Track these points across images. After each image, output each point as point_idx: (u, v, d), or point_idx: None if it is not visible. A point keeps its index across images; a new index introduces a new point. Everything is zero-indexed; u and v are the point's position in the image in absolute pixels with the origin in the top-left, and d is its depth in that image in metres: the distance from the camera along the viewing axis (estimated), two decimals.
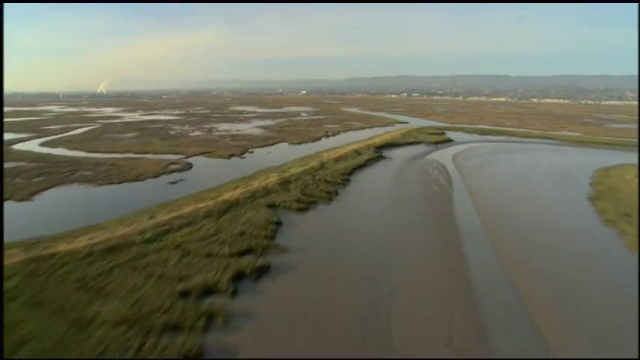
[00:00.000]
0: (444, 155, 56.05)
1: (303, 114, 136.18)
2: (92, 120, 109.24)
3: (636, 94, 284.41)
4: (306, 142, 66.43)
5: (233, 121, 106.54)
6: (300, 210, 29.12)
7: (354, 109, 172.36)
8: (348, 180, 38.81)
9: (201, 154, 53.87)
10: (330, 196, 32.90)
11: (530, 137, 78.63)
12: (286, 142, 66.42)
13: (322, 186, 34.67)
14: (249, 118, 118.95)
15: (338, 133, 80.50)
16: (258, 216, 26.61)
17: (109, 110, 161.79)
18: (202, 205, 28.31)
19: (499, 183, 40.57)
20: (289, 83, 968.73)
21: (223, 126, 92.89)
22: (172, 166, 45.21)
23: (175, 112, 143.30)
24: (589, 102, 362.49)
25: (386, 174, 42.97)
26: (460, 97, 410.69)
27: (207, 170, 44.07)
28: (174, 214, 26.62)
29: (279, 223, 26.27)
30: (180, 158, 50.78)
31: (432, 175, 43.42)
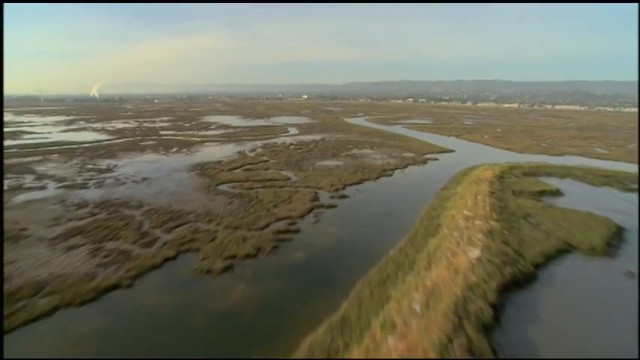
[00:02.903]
0: None
1: (292, 131, 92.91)
2: None
3: None
4: (253, 253, 23.13)
5: (171, 148, 63.54)
6: None
7: (361, 121, 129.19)
8: None
9: None
10: None
11: None
12: (199, 252, 23.30)
13: None
14: (208, 139, 75.81)
15: (341, 190, 37.20)
16: None
17: (39, 120, 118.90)
18: None
19: None
20: (291, 87, 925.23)
21: (139, 163, 50.18)
22: None
23: (119, 127, 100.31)
24: (608, 109, 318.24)
25: None
26: (469, 104, 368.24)
27: None
28: None
29: None
30: None
31: None
